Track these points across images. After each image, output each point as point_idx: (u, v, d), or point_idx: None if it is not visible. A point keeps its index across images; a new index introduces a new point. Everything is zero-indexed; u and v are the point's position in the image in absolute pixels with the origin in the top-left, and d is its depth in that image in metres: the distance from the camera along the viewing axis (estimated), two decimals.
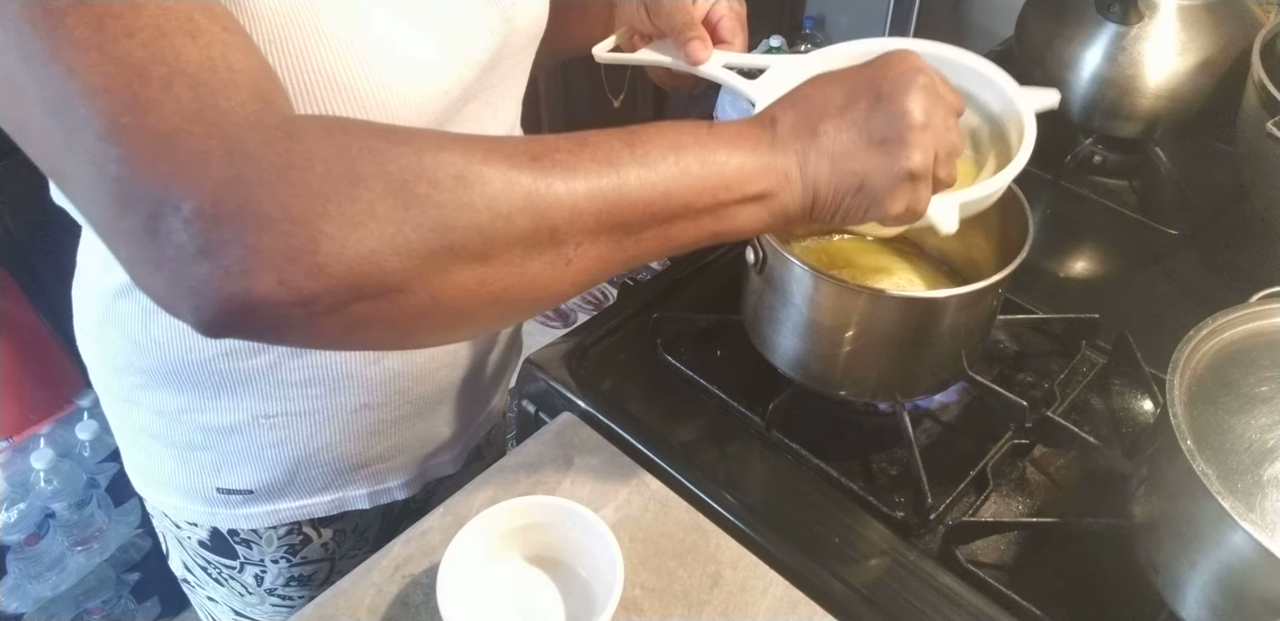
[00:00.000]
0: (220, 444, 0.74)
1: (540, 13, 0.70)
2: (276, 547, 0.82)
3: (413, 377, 0.75)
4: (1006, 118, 0.65)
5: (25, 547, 1.41)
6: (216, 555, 0.83)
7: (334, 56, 0.53)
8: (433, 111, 0.59)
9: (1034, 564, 0.71)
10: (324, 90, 0.53)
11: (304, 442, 0.74)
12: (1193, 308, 0.70)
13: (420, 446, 0.82)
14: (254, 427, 0.72)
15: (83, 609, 1.50)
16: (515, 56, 0.69)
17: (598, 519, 0.64)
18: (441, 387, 0.79)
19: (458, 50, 0.61)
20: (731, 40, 0.72)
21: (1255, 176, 0.95)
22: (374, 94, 0.55)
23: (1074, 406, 0.82)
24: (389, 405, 0.75)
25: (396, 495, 0.83)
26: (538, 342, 0.86)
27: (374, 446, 0.78)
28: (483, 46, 0.63)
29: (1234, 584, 0.57)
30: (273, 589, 0.86)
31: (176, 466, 0.76)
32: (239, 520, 0.79)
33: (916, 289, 0.80)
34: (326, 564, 0.86)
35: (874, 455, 0.78)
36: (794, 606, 0.67)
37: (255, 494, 0.77)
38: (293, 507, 0.79)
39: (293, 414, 0.72)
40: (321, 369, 0.70)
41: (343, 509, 0.81)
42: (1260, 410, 0.61)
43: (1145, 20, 0.98)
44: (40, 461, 1.38)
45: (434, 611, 0.62)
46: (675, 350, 0.84)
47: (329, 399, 0.72)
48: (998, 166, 0.62)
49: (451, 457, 0.87)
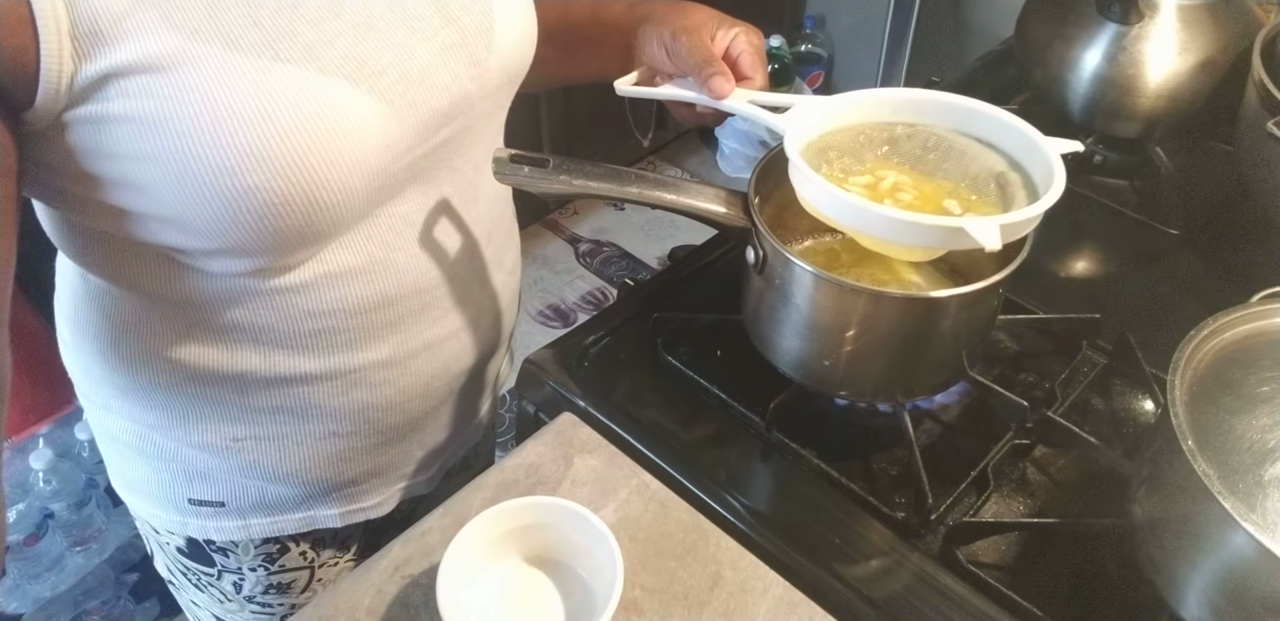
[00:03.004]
0: (191, 457, 0.73)
1: (521, 52, 0.68)
2: (254, 556, 0.82)
3: (382, 409, 0.74)
4: (1029, 158, 0.68)
5: (24, 548, 1.41)
6: (194, 562, 0.83)
7: (244, 129, 0.52)
8: (372, 166, 0.58)
9: (1035, 564, 0.71)
10: (240, 164, 0.52)
11: (273, 466, 0.74)
12: (1193, 308, 0.70)
13: (392, 470, 0.81)
14: (223, 450, 0.72)
15: (82, 609, 1.50)
16: (491, 97, 0.67)
17: (598, 519, 0.63)
18: (413, 417, 0.77)
19: (406, 98, 0.59)
20: (753, 76, 0.72)
21: (1255, 176, 0.94)
22: (294, 161, 0.53)
23: (1075, 406, 0.82)
24: (358, 434, 0.74)
25: (371, 514, 0.82)
26: (538, 342, 0.86)
27: (345, 472, 0.77)
28: (442, 90, 0.61)
29: (1235, 584, 0.57)
30: (252, 596, 0.85)
31: (150, 475, 0.76)
32: (211, 531, 0.78)
33: (916, 289, 0.80)
34: (306, 572, 0.85)
35: (874, 455, 0.78)
36: (794, 606, 0.67)
37: (227, 507, 0.77)
38: (264, 523, 0.78)
39: (261, 438, 0.72)
40: (289, 397, 0.69)
41: (314, 526, 0.80)
42: (1261, 410, 0.61)
43: (1145, 20, 0.98)
44: (39, 461, 1.38)
45: (433, 611, 0.61)
46: (675, 350, 0.84)
47: (297, 425, 0.72)
48: (1028, 200, 0.66)
49: (426, 479, 0.86)
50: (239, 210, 0.54)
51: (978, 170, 0.69)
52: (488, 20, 0.64)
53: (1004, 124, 0.69)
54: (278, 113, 0.53)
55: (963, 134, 0.70)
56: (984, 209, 0.66)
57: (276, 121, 0.53)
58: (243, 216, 0.55)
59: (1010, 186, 0.67)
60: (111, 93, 0.50)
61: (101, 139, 0.51)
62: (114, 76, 0.49)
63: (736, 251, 0.93)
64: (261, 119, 0.52)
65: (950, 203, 0.67)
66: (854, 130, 0.71)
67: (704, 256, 0.95)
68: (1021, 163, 0.68)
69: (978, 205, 0.67)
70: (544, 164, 0.66)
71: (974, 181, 0.68)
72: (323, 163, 0.55)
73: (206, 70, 0.51)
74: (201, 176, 0.52)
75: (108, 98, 0.50)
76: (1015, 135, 0.68)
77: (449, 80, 0.62)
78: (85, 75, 0.49)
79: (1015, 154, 0.69)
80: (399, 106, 0.59)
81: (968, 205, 0.67)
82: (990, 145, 0.70)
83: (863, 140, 0.70)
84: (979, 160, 0.69)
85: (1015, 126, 0.68)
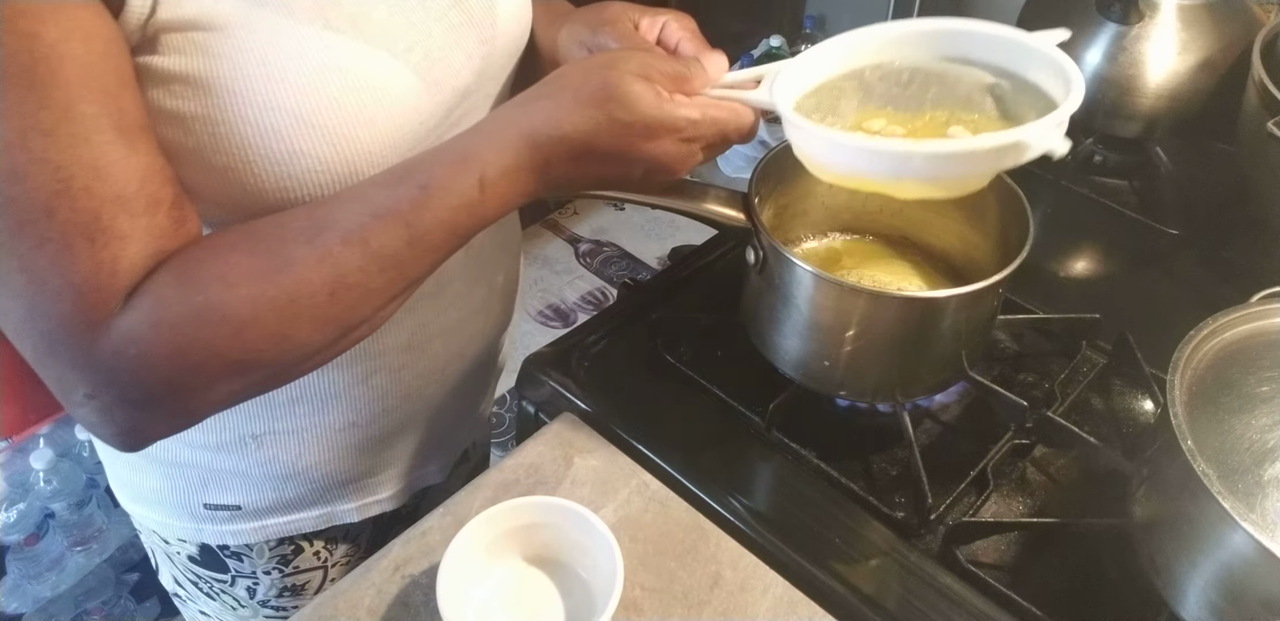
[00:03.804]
0: (207, 461, 0.73)
1: (521, 31, 0.68)
2: (269, 559, 0.82)
3: (401, 396, 0.74)
4: (1016, 62, 0.63)
5: (25, 547, 1.41)
6: (207, 569, 0.83)
7: (297, 93, 0.53)
8: (407, 139, 0.59)
9: (1035, 564, 0.71)
10: (289, 128, 0.53)
11: (291, 461, 0.74)
12: (1193, 308, 0.70)
13: (408, 459, 0.82)
14: (241, 447, 0.72)
15: (82, 609, 1.50)
16: (496, 77, 0.67)
17: (598, 519, 0.63)
18: (430, 403, 0.78)
19: (433, 75, 0.60)
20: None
21: (1255, 176, 0.94)
22: (341, 129, 0.55)
23: (1074, 406, 0.82)
24: (376, 423, 0.75)
25: (385, 506, 0.83)
26: (537, 342, 0.86)
27: (362, 462, 0.77)
28: (460, 70, 0.62)
29: (1234, 584, 0.57)
30: (266, 600, 0.85)
31: (162, 483, 0.76)
32: (226, 536, 0.78)
33: (916, 289, 0.80)
34: (320, 572, 0.85)
35: (874, 455, 0.78)
36: (794, 606, 0.67)
37: (243, 509, 0.76)
38: (281, 523, 0.78)
39: (280, 432, 0.72)
40: (309, 388, 0.69)
41: (331, 523, 0.80)
42: (1261, 410, 0.61)
43: (1145, 20, 0.98)
44: (40, 461, 1.38)
45: (434, 611, 0.61)
46: (675, 350, 0.84)
47: (316, 417, 0.72)
48: (1033, 103, 0.61)
49: (439, 467, 0.86)
50: (280, 175, 0.54)
51: (965, 90, 0.64)
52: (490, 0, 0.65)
53: (975, 36, 0.64)
54: (329, 80, 0.54)
55: (937, 59, 0.65)
56: (990, 125, 0.62)
57: (327, 88, 0.54)
58: (280, 182, 0.55)
59: (1007, 96, 0.63)
60: (164, 47, 0.50)
61: (148, 93, 0.51)
62: (169, 30, 0.49)
63: (736, 251, 0.93)
64: (314, 85, 0.53)
65: (956, 129, 0.63)
66: (826, 87, 0.66)
67: (704, 256, 0.95)
68: (1009, 68, 0.64)
69: (983, 123, 0.63)
70: None
71: (967, 102, 0.64)
72: (367, 133, 0.56)
73: (263, 34, 0.51)
74: (248, 137, 0.53)
75: (160, 51, 0.50)
76: (990, 43, 0.63)
77: (464, 59, 0.62)
78: (158, 19, 0.49)
79: (999, 62, 0.64)
80: (428, 83, 0.59)
81: (974, 125, 0.63)
82: (968, 61, 0.65)
83: (836, 94, 0.66)
84: (962, 80, 0.65)
85: (988, 34, 0.63)
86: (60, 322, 0.48)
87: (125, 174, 0.47)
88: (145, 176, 0.48)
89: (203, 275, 0.49)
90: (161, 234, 0.49)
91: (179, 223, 0.51)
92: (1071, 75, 0.59)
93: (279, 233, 0.51)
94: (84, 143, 0.46)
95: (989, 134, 0.56)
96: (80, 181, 0.46)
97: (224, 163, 0.53)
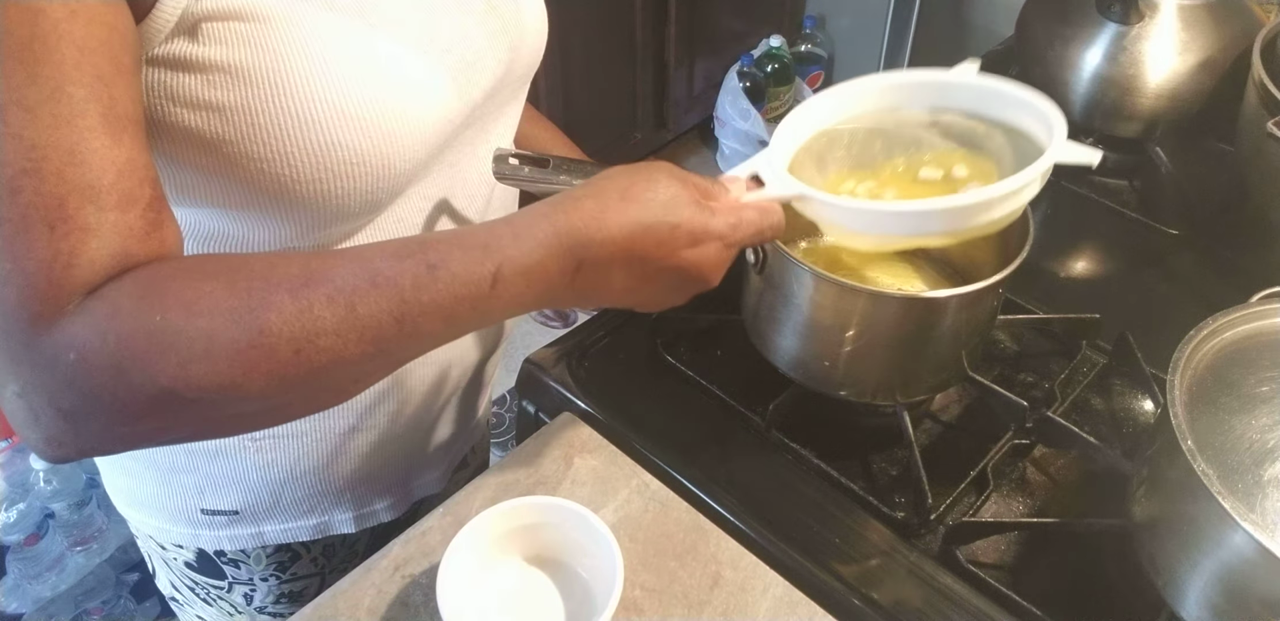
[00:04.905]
0: (204, 465, 0.73)
1: (541, 42, 0.70)
2: (266, 565, 0.81)
3: (401, 400, 0.74)
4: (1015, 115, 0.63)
5: (25, 548, 1.41)
6: (204, 576, 0.82)
7: (339, 86, 0.53)
8: (437, 137, 0.60)
9: (1034, 564, 0.71)
10: (330, 120, 0.53)
11: (290, 465, 0.74)
12: (1193, 307, 0.70)
13: (406, 466, 0.81)
14: (240, 450, 0.72)
15: (82, 609, 1.50)
16: (513, 85, 0.69)
17: (598, 519, 0.63)
18: (430, 407, 0.78)
19: (466, 76, 0.61)
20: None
21: (1255, 176, 0.94)
22: (380, 123, 0.55)
23: (1074, 406, 0.82)
24: (378, 427, 0.75)
25: (382, 517, 0.82)
26: (537, 342, 0.86)
27: (361, 467, 0.77)
28: (489, 73, 0.63)
29: (1234, 584, 0.57)
30: (263, 607, 0.85)
31: (159, 488, 0.75)
32: (223, 541, 0.78)
33: (916, 289, 0.80)
34: (317, 578, 0.85)
35: (874, 455, 0.78)
36: (794, 606, 0.67)
37: (240, 514, 0.76)
38: (278, 530, 0.78)
39: (280, 436, 0.72)
40: None
41: (327, 533, 0.80)
42: (1261, 410, 0.61)
43: (1145, 20, 0.98)
44: (40, 461, 1.38)
45: (434, 611, 0.61)
46: (675, 350, 0.84)
47: (318, 421, 0.71)
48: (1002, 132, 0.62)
49: (437, 476, 0.86)
50: (315, 166, 0.55)
51: (910, 133, 0.65)
52: (518, 8, 0.66)
53: (968, 87, 0.64)
54: (370, 75, 0.54)
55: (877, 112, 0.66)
56: (954, 156, 0.63)
57: (368, 84, 0.54)
58: (315, 174, 0.55)
59: (955, 125, 0.64)
60: (203, 36, 0.50)
61: (183, 82, 0.51)
62: (211, 19, 0.49)
63: None
64: (356, 79, 0.54)
65: (927, 171, 0.63)
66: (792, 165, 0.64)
67: None
68: (969, 108, 0.64)
69: (945, 157, 0.63)
70: (544, 164, 0.66)
71: (915, 143, 0.64)
72: (403, 129, 0.56)
73: (307, 27, 0.52)
74: (287, 128, 0.53)
75: (200, 40, 0.50)
76: (996, 96, 0.63)
77: (494, 64, 0.64)
78: (200, 7, 0.49)
79: (952, 104, 0.64)
80: (460, 84, 0.60)
81: (937, 161, 0.63)
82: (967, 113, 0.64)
83: (798, 169, 0.64)
84: (902, 124, 0.65)
85: (982, 87, 0.63)
86: (3, 309, 0.44)
87: (102, 164, 0.45)
88: (124, 170, 0.46)
89: (168, 296, 0.45)
90: (130, 234, 0.46)
91: (153, 226, 0.47)
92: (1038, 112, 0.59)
93: (267, 273, 0.47)
94: (66, 125, 0.44)
95: (1017, 176, 0.58)
96: (53, 164, 0.43)
97: (260, 153, 0.53)
